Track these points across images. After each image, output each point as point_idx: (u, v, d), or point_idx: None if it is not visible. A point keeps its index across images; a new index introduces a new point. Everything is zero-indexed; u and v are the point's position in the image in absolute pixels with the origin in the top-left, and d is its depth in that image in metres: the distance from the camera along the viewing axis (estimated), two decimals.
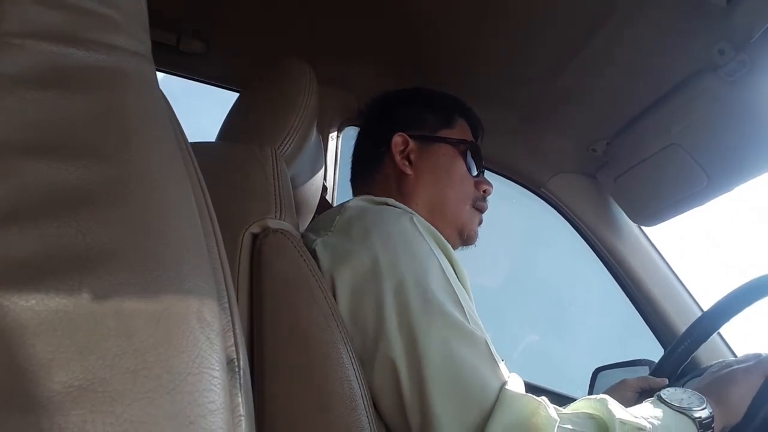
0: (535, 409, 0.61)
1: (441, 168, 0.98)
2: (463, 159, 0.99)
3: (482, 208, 1.01)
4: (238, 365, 0.33)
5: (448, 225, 0.94)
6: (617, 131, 1.31)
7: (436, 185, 0.96)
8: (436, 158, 0.98)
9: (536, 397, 0.62)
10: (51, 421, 0.25)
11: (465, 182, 0.98)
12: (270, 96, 0.83)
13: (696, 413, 0.70)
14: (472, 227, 0.99)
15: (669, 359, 1.04)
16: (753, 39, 0.97)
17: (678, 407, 0.71)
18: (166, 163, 0.35)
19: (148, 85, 0.36)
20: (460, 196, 0.98)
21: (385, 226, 0.74)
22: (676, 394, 0.74)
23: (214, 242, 0.37)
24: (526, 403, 0.61)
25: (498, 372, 0.65)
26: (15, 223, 0.27)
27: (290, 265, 0.62)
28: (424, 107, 1.02)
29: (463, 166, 0.99)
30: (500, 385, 0.63)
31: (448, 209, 0.96)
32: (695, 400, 0.73)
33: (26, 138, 0.29)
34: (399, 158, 0.97)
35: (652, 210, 1.33)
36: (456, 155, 0.99)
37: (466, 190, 0.98)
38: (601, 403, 0.65)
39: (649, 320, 1.45)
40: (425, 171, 0.97)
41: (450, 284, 0.70)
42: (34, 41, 0.31)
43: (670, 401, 0.72)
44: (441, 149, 0.99)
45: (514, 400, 0.61)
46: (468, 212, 0.98)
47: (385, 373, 0.65)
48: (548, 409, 0.61)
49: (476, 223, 1.00)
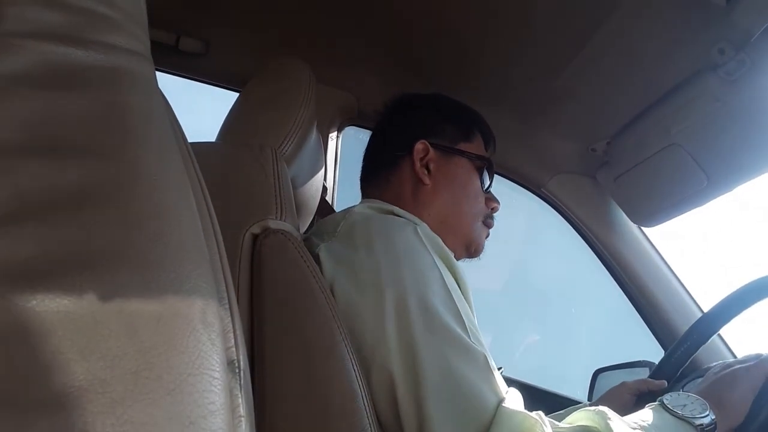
0: (531, 426, 0.60)
1: (458, 181, 0.98)
2: (478, 175, 1.00)
3: (490, 225, 1.02)
4: (239, 366, 0.33)
5: (456, 238, 0.95)
6: (617, 131, 1.31)
7: (451, 198, 0.96)
8: (455, 171, 0.98)
9: (532, 414, 0.62)
10: (51, 423, 0.25)
11: (479, 199, 0.99)
12: (270, 96, 0.83)
13: (698, 420, 0.70)
14: (480, 242, 1.00)
15: (669, 361, 1.04)
16: (753, 38, 0.97)
17: (680, 415, 0.71)
18: (166, 163, 0.35)
19: (148, 85, 0.36)
20: (473, 212, 0.98)
21: (389, 236, 0.74)
22: (678, 399, 0.73)
23: (214, 243, 0.37)
24: (522, 420, 0.60)
25: (496, 388, 0.64)
26: (15, 223, 0.27)
27: (291, 265, 0.62)
28: (445, 117, 1.02)
29: (477, 182, 0.99)
30: (498, 401, 0.63)
31: (460, 224, 0.96)
32: (697, 406, 0.72)
33: (26, 138, 0.29)
34: (419, 166, 0.96)
35: (652, 210, 1.33)
36: (472, 170, 0.99)
37: (479, 206, 0.99)
38: (599, 416, 0.64)
39: (648, 321, 1.45)
40: (442, 182, 0.96)
41: (451, 298, 0.70)
42: (34, 41, 0.31)
43: (672, 408, 0.72)
44: (460, 162, 0.98)
45: (511, 417, 0.61)
46: (478, 228, 0.99)
47: (382, 384, 0.64)
48: (544, 426, 0.60)
49: (483, 238, 1.01)
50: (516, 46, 1.11)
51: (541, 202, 1.51)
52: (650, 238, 1.46)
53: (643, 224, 1.42)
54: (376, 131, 1.08)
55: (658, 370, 1.06)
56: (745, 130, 1.09)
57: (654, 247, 1.46)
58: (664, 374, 1.02)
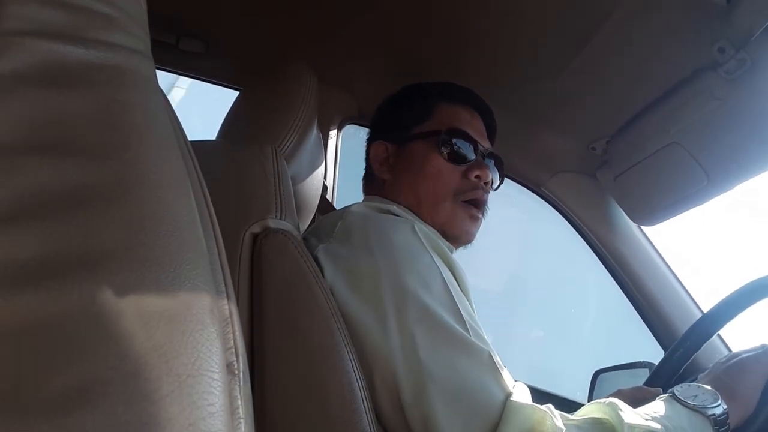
0: (541, 418, 0.60)
1: (413, 166, 0.93)
2: (437, 150, 0.91)
3: (473, 199, 0.91)
4: (238, 367, 0.33)
5: (432, 226, 0.86)
6: (617, 130, 1.31)
7: (408, 185, 0.92)
8: (410, 157, 0.95)
9: (541, 407, 0.61)
10: (51, 424, 0.24)
11: (441, 176, 0.90)
12: (270, 95, 0.83)
13: (710, 410, 0.70)
14: (457, 224, 0.90)
15: (669, 361, 1.04)
16: (753, 37, 0.97)
17: (692, 405, 0.70)
18: (166, 163, 0.35)
19: (148, 84, 0.36)
20: (436, 191, 0.90)
21: (387, 235, 0.74)
22: (689, 390, 0.73)
23: (214, 242, 0.37)
24: (531, 413, 0.60)
25: (502, 383, 0.64)
26: (15, 223, 0.27)
27: (291, 265, 0.62)
28: (401, 106, 1.01)
29: (438, 158, 0.91)
30: (505, 396, 0.63)
31: (423, 209, 0.89)
32: (709, 396, 0.72)
33: (26, 137, 0.29)
34: (377, 166, 0.98)
35: (651, 209, 1.33)
36: (429, 148, 0.92)
37: (445, 184, 0.90)
38: (610, 407, 0.64)
39: (648, 321, 1.45)
40: (400, 172, 0.95)
41: (452, 296, 0.69)
42: (34, 40, 0.30)
43: (683, 399, 0.71)
44: (414, 146, 0.95)
45: (520, 410, 0.60)
46: (448, 208, 0.90)
47: (386, 385, 0.64)
48: (554, 418, 0.60)
49: (462, 219, 0.91)
50: (516, 46, 1.11)
51: (541, 202, 1.51)
52: (650, 238, 1.46)
53: (642, 223, 1.42)
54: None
55: (658, 371, 1.06)
56: (745, 128, 1.09)
57: (654, 247, 1.46)
58: (664, 375, 1.02)
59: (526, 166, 1.48)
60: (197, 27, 1.21)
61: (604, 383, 1.24)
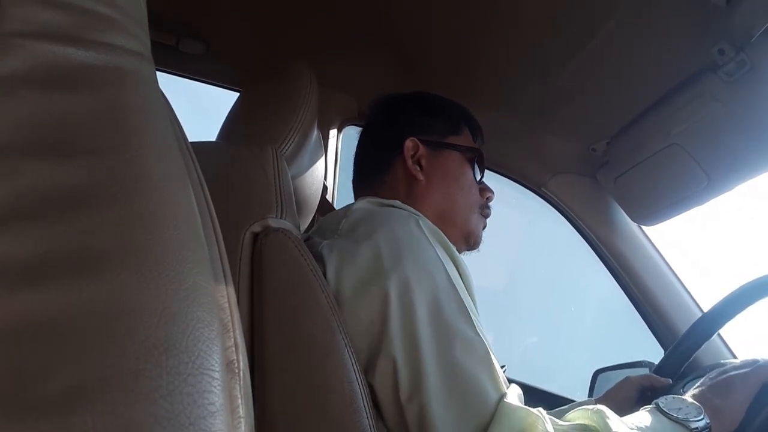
0: (532, 422, 0.60)
1: (451, 174, 0.98)
2: (470, 166, 1.00)
3: (487, 214, 1.03)
4: (238, 366, 0.33)
5: (455, 231, 0.95)
6: (617, 131, 1.31)
7: (446, 192, 0.97)
8: (446, 164, 0.98)
9: (533, 410, 0.62)
10: (50, 423, 0.25)
11: (473, 189, 1.00)
12: (270, 96, 0.83)
13: (693, 424, 0.71)
14: (478, 233, 1.01)
15: (669, 361, 1.04)
16: (753, 39, 0.97)
17: (675, 417, 0.71)
18: (166, 163, 0.35)
19: (148, 85, 0.36)
20: (469, 203, 0.99)
21: (391, 228, 0.74)
22: (674, 402, 0.74)
23: (214, 242, 0.37)
24: (523, 417, 0.61)
25: (498, 382, 0.65)
26: (15, 223, 0.27)
27: (291, 264, 0.62)
28: (432, 113, 1.02)
29: (470, 173, 1.00)
30: (499, 396, 0.63)
31: (457, 216, 0.97)
32: (692, 410, 0.73)
33: (26, 138, 0.29)
34: (411, 163, 0.96)
35: (652, 210, 1.33)
36: (464, 162, 1.00)
37: (474, 197, 1.00)
38: (598, 415, 0.65)
39: (649, 320, 1.45)
40: (435, 177, 0.97)
41: (455, 291, 0.70)
42: (34, 41, 0.31)
43: (667, 411, 0.72)
44: (450, 156, 0.99)
45: (512, 412, 0.61)
46: (475, 219, 1.00)
47: (385, 374, 0.65)
48: (545, 422, 0.61)
49: (481, 229, 1.02)
50: (516, 46, 1.11)
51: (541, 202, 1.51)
52: (650, 238, 1.46)
53: (643, 223, 1.42)
54: (364, 134, 1.07)
55: (659, 370, 1.06)
56: (745, 130, 1.09)
57: (654, 247, 1.46)
58: (664, 374, 1.02)
59: (526, 166, 1.48)
60: (197, 29, 1.21)
61: (604, 382, 1.24)
